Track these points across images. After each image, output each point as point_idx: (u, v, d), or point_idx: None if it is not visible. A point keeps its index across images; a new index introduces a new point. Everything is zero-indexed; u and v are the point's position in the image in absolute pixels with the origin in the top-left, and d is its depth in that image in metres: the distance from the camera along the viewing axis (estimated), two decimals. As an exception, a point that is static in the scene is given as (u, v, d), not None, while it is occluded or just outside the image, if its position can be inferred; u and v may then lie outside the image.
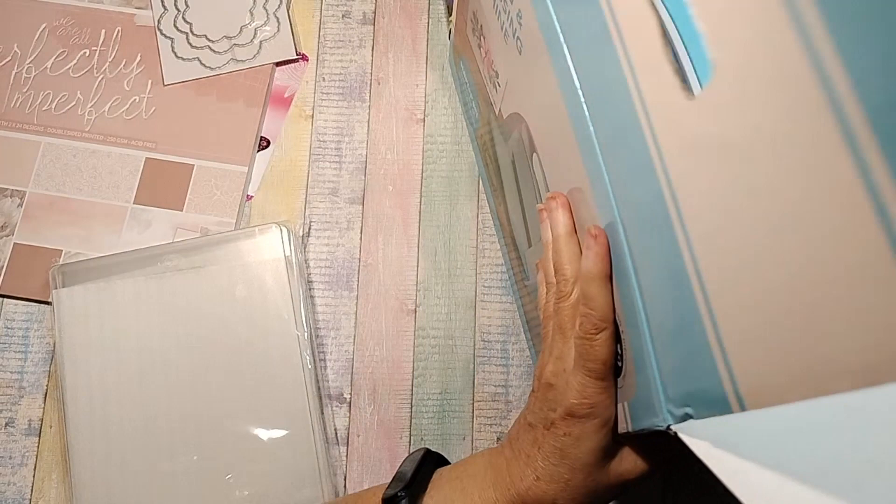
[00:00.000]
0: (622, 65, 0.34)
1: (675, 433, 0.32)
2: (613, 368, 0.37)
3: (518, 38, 0.44)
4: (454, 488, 0.41)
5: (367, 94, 0.65)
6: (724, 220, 0.28)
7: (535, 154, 0.46)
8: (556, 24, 0.38)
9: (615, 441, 0.38)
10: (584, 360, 0.36)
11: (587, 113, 0.37)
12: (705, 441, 0.30)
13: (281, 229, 0.58)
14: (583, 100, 0.37)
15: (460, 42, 0.59)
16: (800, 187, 0.24)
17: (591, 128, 0.36)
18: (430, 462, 0.44)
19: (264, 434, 0.55)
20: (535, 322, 0.54)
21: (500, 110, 0.51)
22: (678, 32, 0.30)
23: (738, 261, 0.28)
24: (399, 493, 0.41)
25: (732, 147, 0.27)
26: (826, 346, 0.24)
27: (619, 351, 0.37)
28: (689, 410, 0.31)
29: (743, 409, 0.28)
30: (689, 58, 0.29)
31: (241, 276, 0.58)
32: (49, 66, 0.64)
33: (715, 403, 0.30)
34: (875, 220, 0.21)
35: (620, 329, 0.36)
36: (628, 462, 0.38)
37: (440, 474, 0.43)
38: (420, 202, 0.63)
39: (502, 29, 0.46)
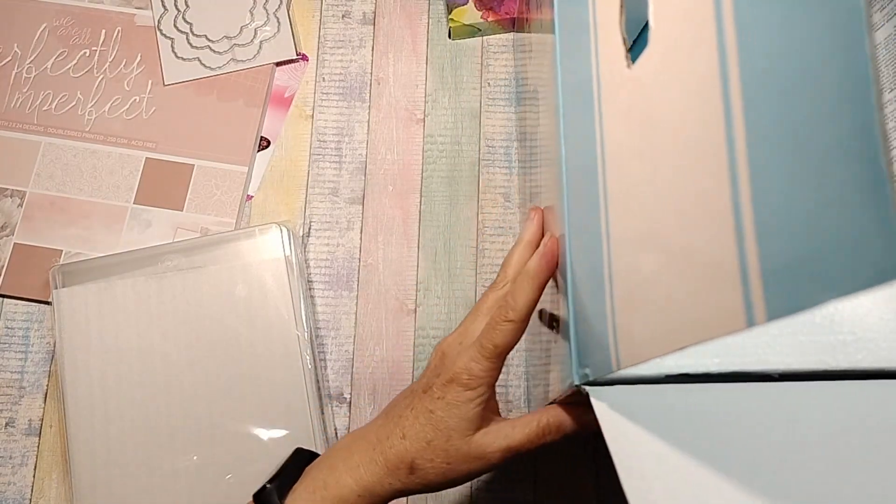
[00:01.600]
0: (590, 32, 0.35)
1: (587, 393, 0.34)
2: (503, 357, 0.40)
3: (540, 7, 0.45)
4: (321, 468, 0.43)
5: (367, 94, 0.65)
6: (631, 182, 0.31)
7: (538, 128, 0.47)
8: None
9: (484, 418, 0.41)
10: (483, 339, 0.40)
11: (560, 80, 0.38)
12: (609, 402, 0.31)
13: (281, 229, 0.58)
14: (559, 69, 0.38)
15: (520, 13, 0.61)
16: (678, 165, 0.26)
17: (561, 96, 0.38)
18: (301, 457, 0.47)
19: (264, 434, 0.55)
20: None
21: (532, 84, 0.52)
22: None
23: (632, 223, 0.30)
24: (267, 486, 0.43)
25: (646, 119, 0.29)
26: (674, 307, 0.26)
27: (555, 319, 0.40)
28: (587, 371, 0.33)
29: (619, 366, 0.30)
30: (633, 27, 0.30)
31: (242, 275, 0.58)
32: (49, 66, 0.64)
33: (603, 362, 0.32)
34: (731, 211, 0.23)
35: (556, 293, 0.39)
36: (492, 439, 0.41)
37: (312, 464, 0.44)
38: (420, 202, 0.63)
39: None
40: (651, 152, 0.28)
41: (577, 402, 0.38)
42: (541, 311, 0.48)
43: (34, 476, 0.57)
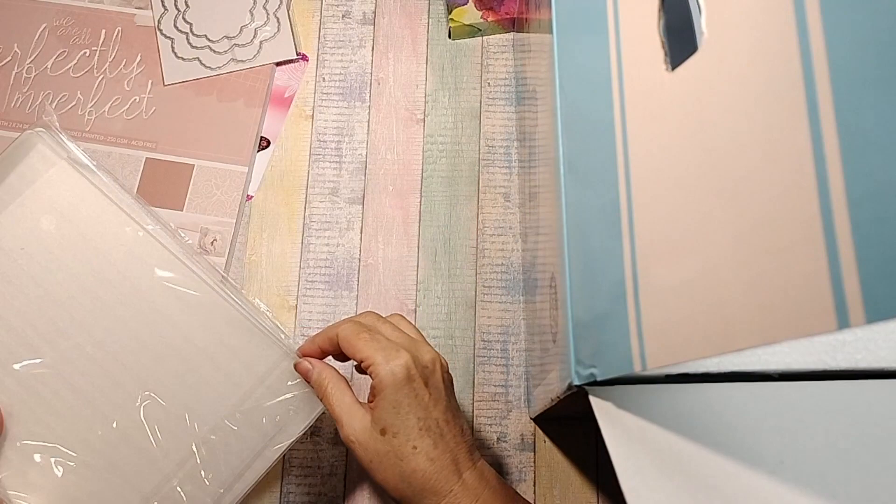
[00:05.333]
0: (608, 34, 0.35)
1: (587, 392, 0.34)
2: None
3: (539, 8, 0.45)
4: None
5: (367, 94, 0.65)
6: (669, 183, 0.30)
7: (537, 127, 0.47)
8: None
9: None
10: None
11: (558, 80, 0.38)
12: (609, 402, 0.31)
13: (39, 133, 0.51)
14: (557, 69, 0.38)
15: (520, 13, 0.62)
16: (750, 166, 0.25)
17: (559, 96, 0.38)
18: None
19: (190, 347, 0.50)
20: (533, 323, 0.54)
21: (531, 84, 0.52)
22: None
23: (672, 224, 0.29)
24: None
25: (695, 121, 0.28)
26: (731, 308, 0.25)
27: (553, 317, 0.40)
28: (594, 370, 0.33)
29: (644, 367, 0.30)
30: (677, 31, 0.30)
31: (33, 209, 0.50)
32: (49, 66, 0.64)
33: (620, 362, 0.31)
34: (819, 217, 0.22)
35: (555, 294, 0.39)
36: None
37: None
38: (420, 202, 0.63)
39: None
40: (707, 153, 0.28)
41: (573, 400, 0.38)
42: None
43: None
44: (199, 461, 0.49)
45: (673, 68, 0.30)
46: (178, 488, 0.48)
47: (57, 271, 0.51)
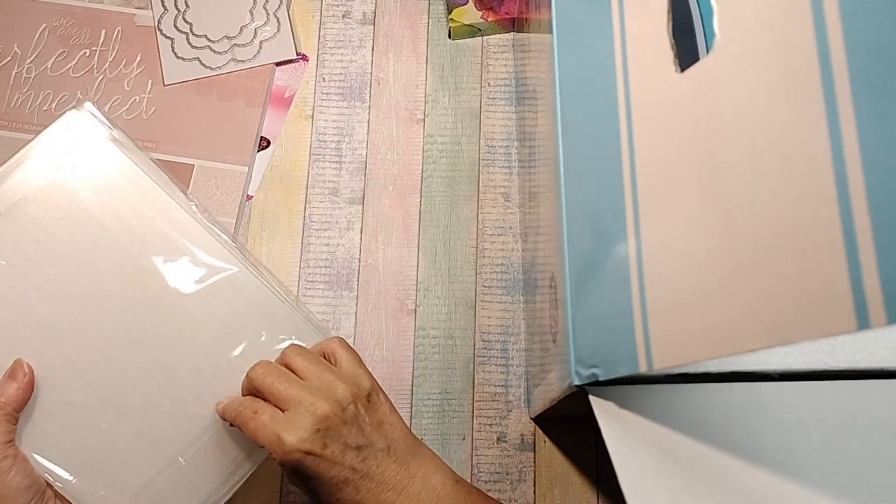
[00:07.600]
0: (614, 36, 0.35)
1: (587, 392, 0.34)
2: None
3: (539, 8, 0.45)
4: None
5: (367, 94, 0.65)
6: (679, 184, 0.29)
7: (536, 127, 0.47)
8: None
9: None
10: None
11: (558, 80, 0.38)
12: (609, 402, 0.31)
13: (79, 112, 0.50)
14: (557, 69, 0.38)
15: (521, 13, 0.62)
16: (765, 167, 0.25)
17: (559, 96, 0.38)
18: None
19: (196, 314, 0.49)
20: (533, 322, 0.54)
21: (531, 84, 0.53)
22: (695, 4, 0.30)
23: (682, 225, 0.29)
24: None
25: (707, 121, 0.28)
26: (745, 308, 0.25)
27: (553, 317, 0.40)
28: (596, 371, 0.33)
29: (650, 367, 0.29)
30: (695, 32, 0.30)
31: (74, 185, 0.49)
32: (49, 66, 0.64)
33: (624, 362, 0.31)
34: (837, 215, 0.22)
35: (555, 294, 0.39)
36: None
37: None
38: (420, 202, 0.63)
39: None
40: (719, 154, 0.27)
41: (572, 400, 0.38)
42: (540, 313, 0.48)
43: None
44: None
45: (683, 70, 0.30)
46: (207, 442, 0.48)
47: (90, 248, 0.49)
